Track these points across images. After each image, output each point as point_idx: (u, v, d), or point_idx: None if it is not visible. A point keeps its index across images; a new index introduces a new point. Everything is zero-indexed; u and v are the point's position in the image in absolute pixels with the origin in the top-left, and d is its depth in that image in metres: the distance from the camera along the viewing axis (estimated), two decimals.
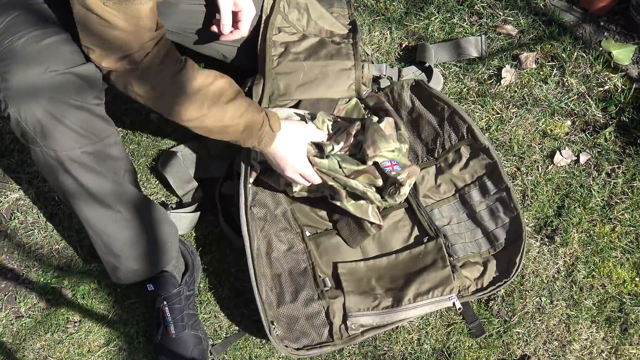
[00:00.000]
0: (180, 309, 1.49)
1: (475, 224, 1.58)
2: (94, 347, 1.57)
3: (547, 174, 1.68)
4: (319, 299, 1.47)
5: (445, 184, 1.61)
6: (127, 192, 1.36)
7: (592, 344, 1.55)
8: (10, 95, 1.16)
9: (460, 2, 1.86)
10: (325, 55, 1.59)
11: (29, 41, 1.19)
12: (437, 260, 1.51)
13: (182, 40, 1.55)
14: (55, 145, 1.21)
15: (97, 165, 1.27)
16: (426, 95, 1.65)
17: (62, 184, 1.28)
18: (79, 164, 1.25)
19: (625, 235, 1.62)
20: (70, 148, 1.22)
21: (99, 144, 1.26)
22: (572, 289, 1.58)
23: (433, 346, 1.55)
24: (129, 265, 1.42)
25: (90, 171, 1.27)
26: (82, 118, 1.21)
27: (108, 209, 1.33)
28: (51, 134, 1.19)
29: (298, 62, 1.57)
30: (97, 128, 1.25)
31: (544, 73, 1.78)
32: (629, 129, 1.71)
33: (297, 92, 1.57)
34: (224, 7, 1.41)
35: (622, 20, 1.82)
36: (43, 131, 1.18)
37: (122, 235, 1.38)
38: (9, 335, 1.58)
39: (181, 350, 1.48)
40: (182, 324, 1.48)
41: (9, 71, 1.16)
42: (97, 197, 1.31)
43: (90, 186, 1.28)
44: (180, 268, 1.53)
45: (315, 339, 1.46)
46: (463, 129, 1.60)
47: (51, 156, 1.22)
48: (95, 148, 1.25)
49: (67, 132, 1.20)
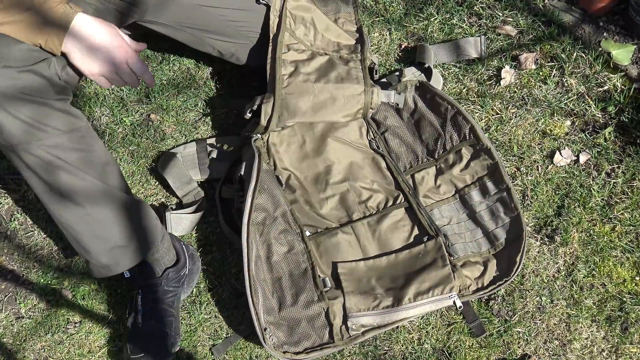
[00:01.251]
0: (154, 300, 1.48)
1: (475, 224, 1.58)
2: (94, 348, 1.57)
3: (547, 173, 1.68)
4: (318, 300, 1.47)
5: (445, 184, 1.61)
6: (92, 187, 1.33)
7: (592, 343, 1.55)
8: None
9: (459, 2, 1.87)
10: (335, 77, 1.60)
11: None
12: (437, 259, 1.51)
13: (177, 35, 1.55)
14: (12, 139, 1.21)
15: (57, 159, 1.26)
16: (430, 96, 1.65)
17: (25, 178, 1.30)
18: (37, 157, 1.24)
19: (625, 235, 1.62)
20: (25, 141, 1.22)
21: (60, 137, 1.25)
22: (573, 288, 1.58)
23: (433, 346, 1.55)
24: (100, 260, 1.40)
25: (49, 165, 1.26)
26: (38, 112, 1.21)
27: (71, 203, 1.32)
28: (4, 128, 1.20)
29: (309, 84, 1.58)
30: (58, 122, 1.24)
31: (543, 73, 1.78)
32: (628, 129, 1.71)
33: (307, 114, 1.58)
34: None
35: (621, 21, 1.83)
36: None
37: (88, 230, 1.36)
38: (9, 336, 1.58)
39: (144, 341, 1.47)
40: (151, 315, 1.47)
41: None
42: (58, 191, 1.30)
43: (50, 180, 1.28)
44: (167, 262, 1.51)
45: (317, 341, 1.46)
46: (465, 129, 1.61)
47: (11, 150, 1.24)
48: (54, 141, 1.25)
49: (20, 125, 1.20)
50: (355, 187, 1.60)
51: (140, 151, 1.73)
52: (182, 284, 1.54)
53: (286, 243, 1.52)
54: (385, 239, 1.56)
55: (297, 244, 1.52)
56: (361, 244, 1.55)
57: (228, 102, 1.76)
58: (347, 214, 1.58)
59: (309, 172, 1.61)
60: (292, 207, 1.56)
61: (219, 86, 1.78)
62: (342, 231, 1.56)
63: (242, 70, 1.77)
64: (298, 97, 1.57)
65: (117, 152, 1.72)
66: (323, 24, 1.68)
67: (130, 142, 1.73)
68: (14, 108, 1.19)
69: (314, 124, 1.63)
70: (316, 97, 1.58)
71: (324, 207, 1.58)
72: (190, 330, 1.57)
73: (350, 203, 1.58)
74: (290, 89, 1.57)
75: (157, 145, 1.74)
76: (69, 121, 1.27)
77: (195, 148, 1.69)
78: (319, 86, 1.58)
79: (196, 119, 1.76)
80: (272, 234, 1.51)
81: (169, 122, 1.75)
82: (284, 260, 1.51)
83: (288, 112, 1.57)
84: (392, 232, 1.56)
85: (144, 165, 1.72)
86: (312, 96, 1.58)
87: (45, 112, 1.23)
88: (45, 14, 1.21)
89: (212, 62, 1.81)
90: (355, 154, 1.63)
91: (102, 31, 1.26)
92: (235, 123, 1.74)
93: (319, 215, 1.58)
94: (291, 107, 1.57)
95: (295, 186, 1.59)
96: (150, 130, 1.74)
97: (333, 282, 1.50)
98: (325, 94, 1.58)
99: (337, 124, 1.63)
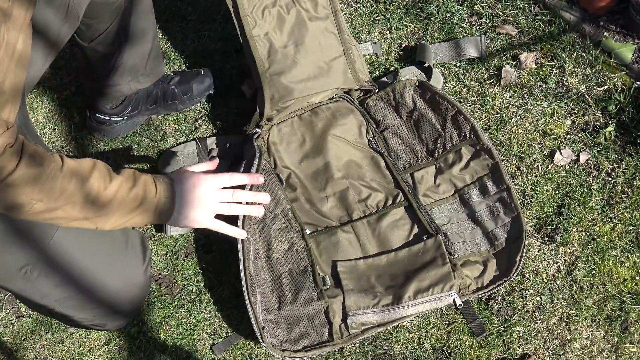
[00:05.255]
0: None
1: (474, 223, 1.58)
2: (94, 347, 1.57)
3: (547, 173, 1.68)
4: (318, 298, 1.47)
5: (445, 184, 1.61)
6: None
7: (592, 343, 1.55)
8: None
9: (459, 2, 1.87)
10: (311, 42, 1.59)
11: None
12: (436, 257, 1.51)
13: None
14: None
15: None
16: (430, 95, 1.65)
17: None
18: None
19: (625, 234, 1.62)
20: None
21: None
22: (573, 287, 1.58)
23: (433, 345, 1.55)
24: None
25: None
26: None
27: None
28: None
29: (289, 58, 1.57)
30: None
31: (543, 73, 1.78)
32: (628, 129, 1.71)
33: (297, 90, 1.57)
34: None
35: (622, 20, 1.82)
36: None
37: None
38: (9, 335, 1.58)
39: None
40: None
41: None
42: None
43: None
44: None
45: (316, 340, 1.46)
46: (466, 128, 1.61)
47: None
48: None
49: None
50: (355, 185, 1.60)
51: (141, 150, 1.73)
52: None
53: (286, 241, 1.52)
54: (384, 238, 1.56)
55: (297, 241, 1.52)
56: (361, 243, 1.55)
57: (228, 102, 1.77)
58: (347, 212, 1.58)
59: (309, 170, 1.61)
60: (292, 205, 1.56)
61: (219, 85, 1.78)
62: (342, 230, 1.56)
63: (243, 68, 1.77)
64: (282, 75, 1.56)
65: (117, 151, 1.72)
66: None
67: (130, 140, 1.74)
68: None
69: (314, 122, 1.63)
70: (300, 69, 1.57)
71: (324, 205, 1.58)
72: (190, 329, 1.57)
73: (350, 201, 1.58)
74: (274, 69, 1.56)
75: (157, 144, 1.74)
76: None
77: (195, 147, 1.69)
78: (300, 57, 1.57)
79: (196, 118, 1.76)
80: (273, 232, 1.51)
81: (169, 121, 1.75)
82: (283, 258, 1.51)
83: (278, 93, 1.56)
84: (391, 231, 1.56)
85: (145, 164, 1.72)
86: (296, 70, 1.57)
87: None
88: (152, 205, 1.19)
89: (212, 60, 1.81)
90: (355, 152, 1.63)
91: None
92: (235, 122, 1.74)
93: (320, 214, 1.58)
94: (280, 87, 1.56)
95: (295, 184, 1.59)
96: (150, 129, 1.74)
97: (333, 280, 1.50)
98: (310, 65, 1.58)
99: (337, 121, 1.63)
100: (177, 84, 1.69)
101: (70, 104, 1.77)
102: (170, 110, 1.72)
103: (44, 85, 1.78)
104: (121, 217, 1.14)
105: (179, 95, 1.69)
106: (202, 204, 1.26)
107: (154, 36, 1.55)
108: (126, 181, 1.13)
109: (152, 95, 1.67)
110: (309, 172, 1.61)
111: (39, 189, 1.00)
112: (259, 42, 1.58)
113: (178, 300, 1.60)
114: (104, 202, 1.10)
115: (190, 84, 1.70)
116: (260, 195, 1.36)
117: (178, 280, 1.62)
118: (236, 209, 1.32)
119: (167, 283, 1.62)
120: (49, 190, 1.02)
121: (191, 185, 1.25)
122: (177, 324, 1.58)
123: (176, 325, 1.58)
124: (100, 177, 1.09)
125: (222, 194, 1.29)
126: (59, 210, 1.05)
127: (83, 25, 1.41)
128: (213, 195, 1.28)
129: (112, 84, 1.56)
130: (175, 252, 1.64)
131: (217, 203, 1.28)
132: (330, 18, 1.65)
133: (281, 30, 1.60)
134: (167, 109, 1.72)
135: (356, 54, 1.66)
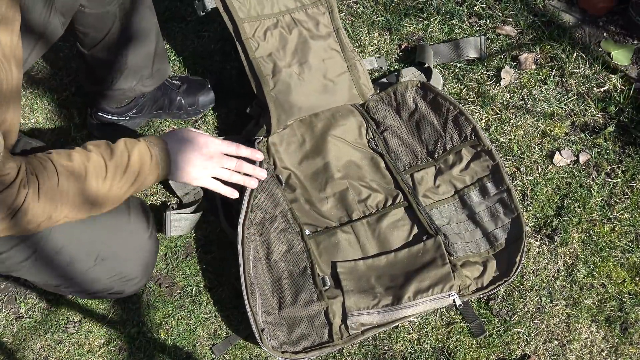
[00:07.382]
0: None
1: (474, 224, 1.58)
2: (94, 347, 1.57)
3: (547, 174, 1.68)
4: (318, 299, 1.47)
5: (445, 184, 1.61)
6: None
7: (592, 343, 1.55)
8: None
9: (459, 3, 1.87)
10: (314, 60, 1.60)
11: None
12: (436, 258, 1.51)
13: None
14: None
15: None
16: (432, 96, 1.65)
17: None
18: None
19: (625, 235, 1.62)
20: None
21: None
22: (572, 288, 1.58)
23: (433, 345, 1.55)
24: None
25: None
26: None
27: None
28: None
29: (293, 77, 1.58)
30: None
31: (543, 74, 1.78)
32: (628, 129, 1.71)
33: (304, 109, 1.58)
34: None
35: (621, 21, 1.83)
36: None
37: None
38: (9, 335, 1.58)
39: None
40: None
41: None
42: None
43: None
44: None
45: (316, 340, 1.46)
46: (467, 130, 1.61)
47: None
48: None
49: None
50: (355, 185, 1.60)
51: None
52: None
53: (286, 242, 1.52)
54: (384, 238, 1.56)
55: (297, 242, 1.52)
56: (361, 243, 1.55)
57: (228, 102, 1.77)
58: (347, 213, 1.58)
59: (308, 171, 1.61)
60: (292, 206, 1.56)
61: (219, 85, 1.78)
62: (342, 230, 1.56)
63: (243, 69, 1.77)
64: (288, 94, 1.57)
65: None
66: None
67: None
68: None
69: (314, 123, 1.63)
70: (306, 87, 1.57)
71: (324, 206, 1.58)
72: (190, 330, 1.57)
73: (350, 202, 1.58)
74: (279, 87, 1.57)
75: None
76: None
77: None
78: (304, 76, 1.58)
79: (196, 118, 1.76)
80: (272, 233, 1.52)
81: (169, 122, 1.75)
82: (283, 259, 1.51)
83: (285, 112, 1.57)
84: (391, 231, 1.56)
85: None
86: (302, 88, 1.57)
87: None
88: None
89: (212, 61, 1.81)
90: (355, 153, 1.64)
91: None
92: (235, 122, 1.75)
93: (320, 214, 1.58)
94: (286, 106, 1.57)
95: (295, 185, 1.60)
96: (150, 130, 1.74)
97: (332, 281, 1.50)
98: (314, 84, 1.58)
99: (337, 121, 1.63)
100: (185, 95, 1.70)
101: (70, 105, 1.77)
102: (173, 117, 1.73)
103: (43, 86, 1.78)
104: (117, 200, 1.22)
105: (185, 106, 1.71)
106: (204, 164, 1.34)
107: (157, 36, 1.55)
108: (119, 169, 1.19)
109: (159, 102, 1.68)
110: (309, 173, 1.61)
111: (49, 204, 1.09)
112: (263, 63, 1.58)
113: (178, 300, 1.60)
114: (102, 201, 1.18)
115: (197, 96, 1.71)
116: (258, 169, 1.44)
117: (178, 281, 1.62)
118: (236, 178, 1.40)
119: (167, 283, 1.62)
120: (51, 199, 1.09)
121: (196, 144, 1.32)
122: (176, 324, 1.58)
123: (176, 325, 1.58)
124: (95, 174, 1.15)
125: (227, 161, 1.37)
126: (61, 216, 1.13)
127: (81, 34, 1.43)
128: (218, 159, 1.36)
129: (117, 87, 1.57)
130: (175, 253, 1.64)
131: (219, 168, 1.36)
132: (333, 36, 1.66)
133: (284, 50, 1.60)
134: (170, 117, 1.73)
135: (360, 70, 1.65)
